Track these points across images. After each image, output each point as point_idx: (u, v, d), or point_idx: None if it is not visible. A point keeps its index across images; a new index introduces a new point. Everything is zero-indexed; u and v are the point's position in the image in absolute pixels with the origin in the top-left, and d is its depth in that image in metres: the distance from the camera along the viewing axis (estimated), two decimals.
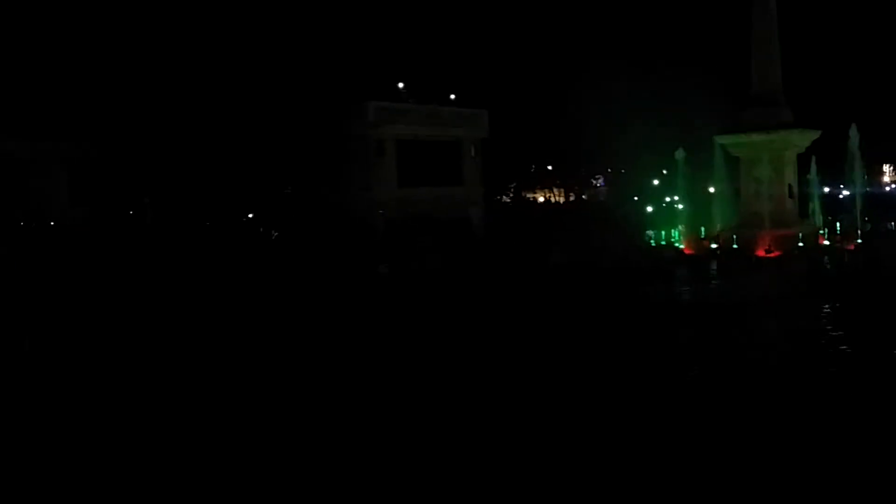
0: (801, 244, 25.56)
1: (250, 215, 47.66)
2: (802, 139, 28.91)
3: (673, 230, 30.30)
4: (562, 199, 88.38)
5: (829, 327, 14.09)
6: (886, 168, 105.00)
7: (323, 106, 47.29)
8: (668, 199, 33.90)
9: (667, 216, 30.92)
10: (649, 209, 33.20)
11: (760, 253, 24.94)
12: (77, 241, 34.43)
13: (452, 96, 51.93)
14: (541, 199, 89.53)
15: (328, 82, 49.62)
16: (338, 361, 12.49)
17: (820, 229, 28.29)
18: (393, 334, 14.59)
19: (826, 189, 31.94)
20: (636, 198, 61.21)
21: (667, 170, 55.14)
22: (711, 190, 33.50)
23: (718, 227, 28.90)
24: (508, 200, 79.21)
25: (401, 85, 50.79)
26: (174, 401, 10.49)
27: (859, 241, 25.68)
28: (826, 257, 24.58)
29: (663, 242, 28.59)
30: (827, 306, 16.15)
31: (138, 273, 25.00)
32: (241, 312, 17.51)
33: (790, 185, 28.88)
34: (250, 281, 23.06)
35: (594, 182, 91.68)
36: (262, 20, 52.12)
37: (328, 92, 48.26)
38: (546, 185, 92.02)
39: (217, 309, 18.23)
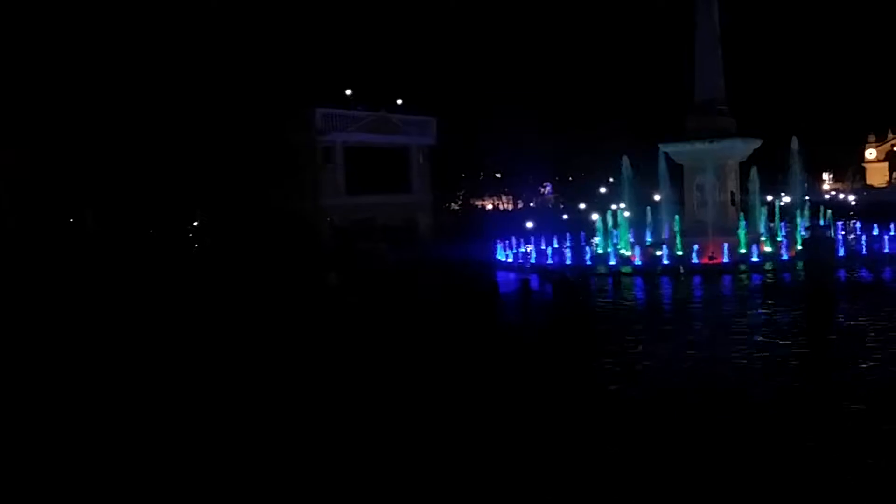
0: (742, 251, 26.04)
1: (195, 223, 47.00)
2: (745, 148, 29.42)
3: (619, 237, 30.57)
4: (510, 207, 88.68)
5: (757, 329, 14.48)
6: (826, 176, 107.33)
7: (271, 112, 46.82)
8: (614, 206, 34.14)
9: (613, 223, 31.18)
10: (595, 217, 33.42)
11: (704, 260, 25.32)
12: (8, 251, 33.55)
13: (399, 101, 51.78)
14: (489, 207, 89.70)
15: (276, 88, 49.22)
16: (274, 373, 12.36)
17: (761, 236, 28.80)
18: (340, 344, 14.49)
19: (768, 197, 32.51)
20: (582, 205, 61.75)
21: (613, 177, 55.82)
22: (657, 197, 33.88)
23: (664, 234, 29.26)
24: (457, 208, 79.26)
25: (348, 91, 50.55)
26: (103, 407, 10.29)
27: (799, 247, 26.15)
28: (766, 264, 25.08)
29: (609, 249, 28.83)
30: (761, 310, 16.52)
31: (68, 281, 24.56)
32: (173, 324, 17.27)
33: (732, 193, 29.38)
34: (189, 292, 22.75)
35: (541, 189, 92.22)
36: (209, 26, 51.56)
37: (276, 98, 47.85)
38: (494, 193, 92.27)
39: (154, 318, 17.98)
